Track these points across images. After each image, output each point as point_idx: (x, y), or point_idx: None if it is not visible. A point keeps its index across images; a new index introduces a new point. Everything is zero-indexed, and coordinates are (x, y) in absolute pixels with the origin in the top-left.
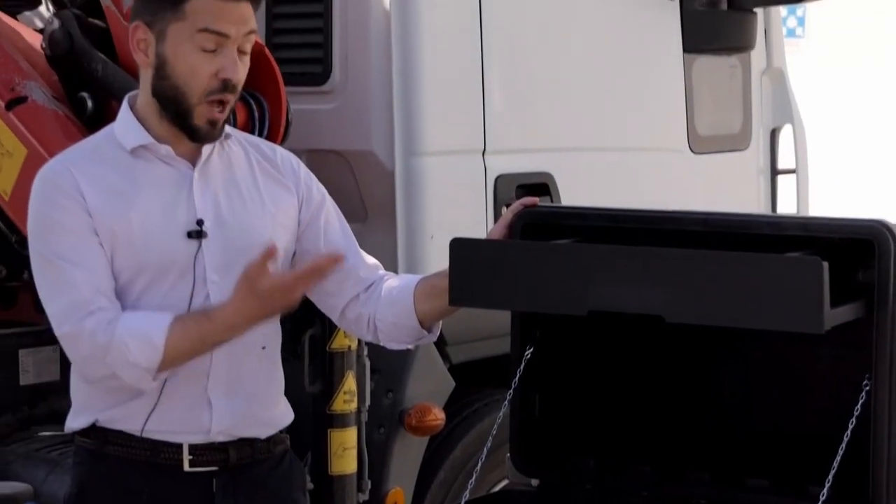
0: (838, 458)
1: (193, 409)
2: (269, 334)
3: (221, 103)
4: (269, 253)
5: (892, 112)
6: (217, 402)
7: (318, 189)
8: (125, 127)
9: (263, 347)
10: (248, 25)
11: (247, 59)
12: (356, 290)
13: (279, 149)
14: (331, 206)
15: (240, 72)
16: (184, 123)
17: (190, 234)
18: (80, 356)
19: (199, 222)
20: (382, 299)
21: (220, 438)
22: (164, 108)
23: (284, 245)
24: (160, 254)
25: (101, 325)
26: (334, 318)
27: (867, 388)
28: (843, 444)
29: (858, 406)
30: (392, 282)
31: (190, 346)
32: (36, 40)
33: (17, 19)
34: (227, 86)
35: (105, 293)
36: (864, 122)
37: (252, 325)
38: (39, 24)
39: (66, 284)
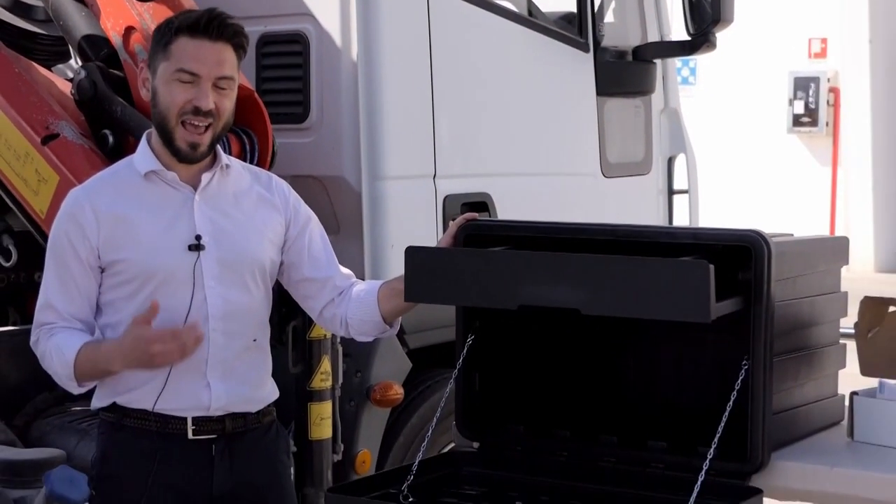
0: (722, 423)
1: (195, 390)
2: (260, 329)
3: (198, 126)
4: (154, 311)
5: (762, 144)
6: (214, 385)
7: (305, 211)
8: (141, 156)
9: (254, 340)
10: (222, 68)
11: (226, 92)
12: (332, 296)
13: (274, 177)
14: (315, 225)
15: (211, 102)
16: (170, 146)
17: (190, 247)
18: (38, 357)
19: (198, 237)
20: (352, 301)
21: (218, 413)
22: (159, 134)
23: (271, 256)
24: (165, 263)
25: (43, 337)
26: (313, 316)
27: (746, 367)
28: (726, 413)
29: (738, 382)
30: (360, 286)
31: (90, 367)
32: (66, 87)
33: (51, 71)
34: (198, 111)
35: (60, 313)
36: (742, 151)
37: (121, 364)
38: (70, 74)
39: (43, 299)
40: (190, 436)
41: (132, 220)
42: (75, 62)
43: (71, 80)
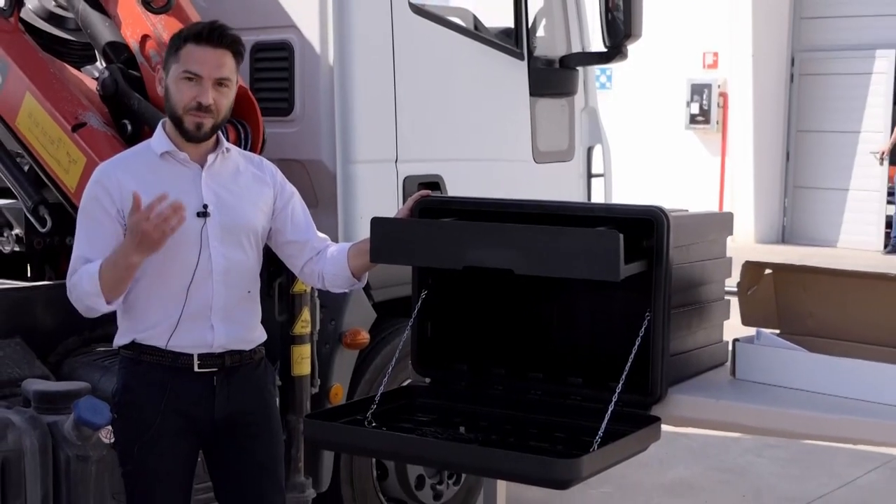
0: (629, 363)
1: (201, 331)
2: (253, 283)
3: (200, 116)
4: (136, 200)
5: (664, 138)
6: (217, 327)
7: (289, 188)
8: (158, 140)
9: (249, 291)
10: (221, 71)
11: (225, 91)
12: (310, 255)
13: (265, 160)
14: (297, 199)
15: (210, 98)
16: (180, 128)
17: (198, 214)
18: (72, 300)
19: (205, 206)
20: (327, 260)
21: (219, 350)
22: (171, 121)
23: (262, 224)
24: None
25: (72, 277)
26: (296, 272)
27: (648, 317)
28: (632, 355)
29: (642, 330)
30: (333, 247)
31: (113, 271)
32: (93, 85)
33: (80, 71)
34: (200, 106)
35: (91, 261)
36: (648, 143)
37: (136, 253)
38: (95, 74)
39: (76, 256)
40: (196, 369)
41: (149, 193)
42: (100, 64)
43: (97, 79)
